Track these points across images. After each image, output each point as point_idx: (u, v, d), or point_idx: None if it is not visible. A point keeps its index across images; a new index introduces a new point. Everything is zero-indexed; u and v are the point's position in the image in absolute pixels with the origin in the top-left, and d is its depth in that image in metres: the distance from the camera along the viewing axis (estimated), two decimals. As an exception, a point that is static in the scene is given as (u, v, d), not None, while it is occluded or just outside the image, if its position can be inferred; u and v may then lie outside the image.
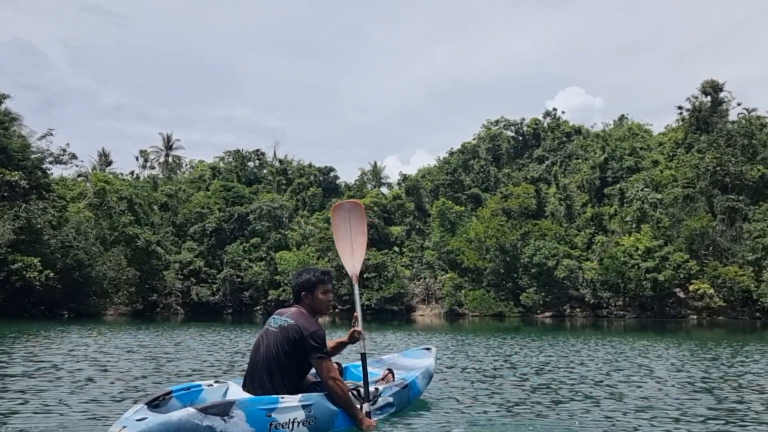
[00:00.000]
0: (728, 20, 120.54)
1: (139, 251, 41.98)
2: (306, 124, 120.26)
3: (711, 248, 42.35)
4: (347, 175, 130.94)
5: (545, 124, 62.85)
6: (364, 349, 4.80)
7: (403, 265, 48.64)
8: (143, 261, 42.26)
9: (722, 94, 51.10)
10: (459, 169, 57.13)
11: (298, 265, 42.62)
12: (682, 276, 40.61)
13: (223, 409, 3.76)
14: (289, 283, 29.94)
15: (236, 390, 4.36)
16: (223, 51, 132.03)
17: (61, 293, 32.92)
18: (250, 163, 63.93)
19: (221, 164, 63.32)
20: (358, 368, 5.01)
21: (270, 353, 4.33)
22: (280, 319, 4.45)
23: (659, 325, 31.08)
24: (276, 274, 47.28)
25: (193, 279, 47.74)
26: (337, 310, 44.27)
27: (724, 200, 42.71)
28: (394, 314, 44.81)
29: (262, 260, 49.01)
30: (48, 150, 38.54)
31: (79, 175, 53.02)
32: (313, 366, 4.37)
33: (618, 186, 47.85)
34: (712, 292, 39.65)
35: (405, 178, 59.53)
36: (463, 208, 50.96)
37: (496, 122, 63.95)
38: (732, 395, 6.61)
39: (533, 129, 62.35)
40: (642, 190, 45.17)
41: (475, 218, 48.83)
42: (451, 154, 62.14)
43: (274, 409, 3.97)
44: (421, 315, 45.62)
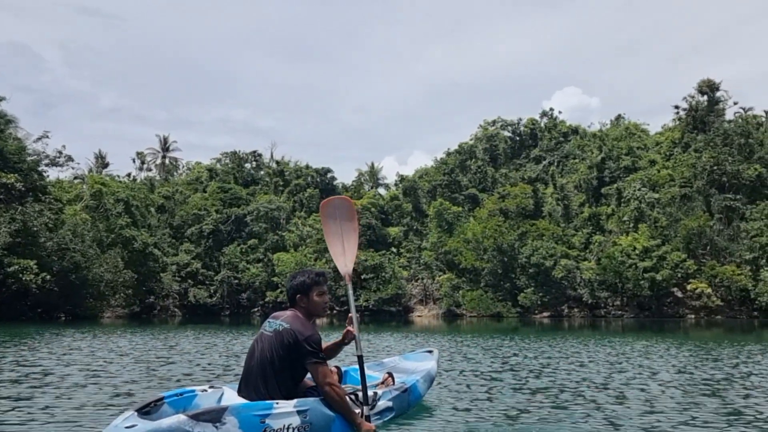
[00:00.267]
0: (724, 20, 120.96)
1: (136, 253, 41.84)
2: (303, 125, 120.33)
3: (708, 247, 42.37)
4: (344, 176, 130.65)
5: (542, 124, 62.89)
6: (360, 351, 4.69)
7: (400, 266, 48.58)
8: (140, 263, 42.12)
9: (719, 94, 51.21)
10: (456, 170, 57.09)
11: (296, 267, 42.55)
12: (679, 275, 40.61)
13: (215, 416, 3.65)
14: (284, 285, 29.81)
15: (231, 395, 4.26)
16: (220, 52, 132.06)
17: (57, 296, 32.77)
18: (247, 165, 63.81)
19: (218, 166, 63.23)
20: (358, 372, 4.91)
21: (264, 358, 4.24)
22: (275, 323, 4.35)
23: (657, 324, 31.02)
24: (273, 275, 47.16)
25: (190, 281, 47.62)
26: (335, 312, 44.17)
27: (721, 199, 42.74)
28: (392, 315, 44.75)
29: (259, 262, 48.92)
30: (44, 152, 38.55)
31: (76, 178, 52.92)
32: (309, 371, 4.28)
33: (615, 186, 47.86)
34: (709, 291, 39.66)
35: (402, 179, 59.51)
36: (461, 209, 50.92)
37: (493, 122, 63.99)
38: (739, 398, 6.50)
39: (530, 129, 62.39)
40: (639, 190, 45.18)
41: (473, 218, 48.78)
42: (449, 154, 62.14)
43: (268, 415, 3.87)
44: (419, 316, 45.53)
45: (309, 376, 4.40)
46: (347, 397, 4.38)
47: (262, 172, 63.43)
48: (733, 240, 41.75)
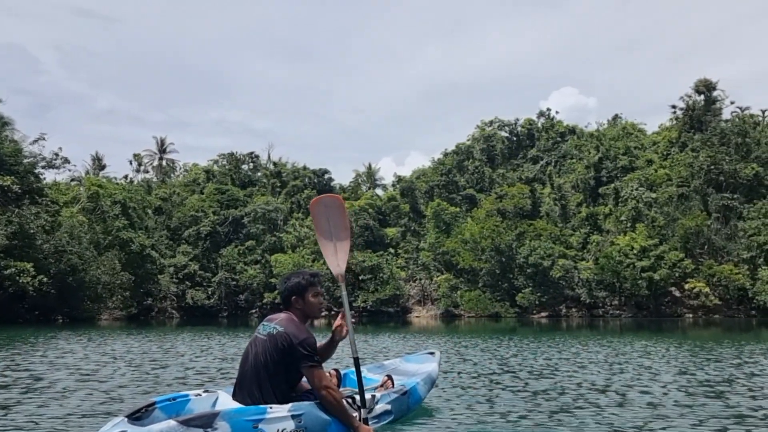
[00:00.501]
0: (721, 20, 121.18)
1: (134, 255, 41.73)
2: (300, 126, 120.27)
3: (706, 247, 42.38)
4: (342, 177, 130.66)
5: (539, 125, 62.96)
6: (356, 353, 4.60)
7: (398, 267, 48.55)
8: (137, 265, 42.01)
9: (715, 93, 51.27)
10: (453, 170, 57.07)
11: (293, 268, 42.46)
12: (677, 275, 40.62)
13: (207, 421, 3.57)
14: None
15: (226, 400, 4.17)
16: (216, 54, 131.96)
17: (54, 298, 32.68)
18: (245, 166, 63.76)
19: (215, 167, 63.17)
20: None
21: (259, 362, 4.15)
22: (269, 326, 4.26)
23: (655, 324, 30.99)
24: (271, 276, 47.10)
25: (188, 282, 47.52)
26: (332, 313, 44.06)
27: (719, 199, 42.76)
28: (390, 316, 44.69)
29: (257, 263, 48.84)
30: (40, 154, 38.46)
31: (72, 180, 52.82)
32: (305, 375, 4.18)
33: (612, 185, 47.87)
34: (707, 290, 39.67)
35: (400, 180, 59.48)
36: (458, 209, 50.90)
37: (491, 123, 64.05)
38: (743, 400, 6.41)
39: (527, 129, 62.43)
40: (636, 190, 45.20)
41: (470, 219, 48.75)
42: (446, 155, 62.16)
43: (261, 420, 3.79)
44: (417, 316, 45.46)
45: (305, 379, 4.30)
46: (344, 401, 4.28)
47: (260, 174, 63.38)
48: (730, 239, 41.76)
